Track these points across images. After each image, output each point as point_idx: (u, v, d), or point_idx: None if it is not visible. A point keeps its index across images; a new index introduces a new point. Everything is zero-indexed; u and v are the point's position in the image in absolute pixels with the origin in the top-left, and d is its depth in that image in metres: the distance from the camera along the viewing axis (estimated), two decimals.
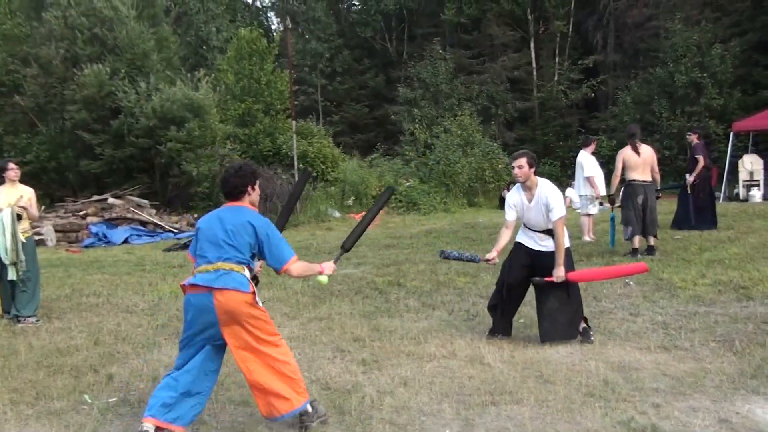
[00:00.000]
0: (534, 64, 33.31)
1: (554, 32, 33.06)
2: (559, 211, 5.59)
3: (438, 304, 7.47)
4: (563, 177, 26.97)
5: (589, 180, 11.55)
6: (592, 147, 11.95)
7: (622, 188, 10.47)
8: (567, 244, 5.80)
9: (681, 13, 26.66)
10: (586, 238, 11.67)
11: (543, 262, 5.75)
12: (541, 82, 32.98)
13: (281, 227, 4.77)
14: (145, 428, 3.86)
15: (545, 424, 4.11)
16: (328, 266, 4.37)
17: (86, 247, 14.72)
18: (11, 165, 7.45)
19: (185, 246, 13.57)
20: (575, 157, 12.31)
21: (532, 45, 33.31)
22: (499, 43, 33.06)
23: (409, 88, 31.30)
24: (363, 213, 17.93)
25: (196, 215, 18.04)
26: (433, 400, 4.58)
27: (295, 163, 18.79)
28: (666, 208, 13.38)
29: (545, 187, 5.72)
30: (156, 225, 16.55)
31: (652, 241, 9.77)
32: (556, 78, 32.50)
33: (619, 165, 9.93)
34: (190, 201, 18.55)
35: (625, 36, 32.19)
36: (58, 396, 4.85)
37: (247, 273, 4.00)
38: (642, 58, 30.84)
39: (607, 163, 17.09)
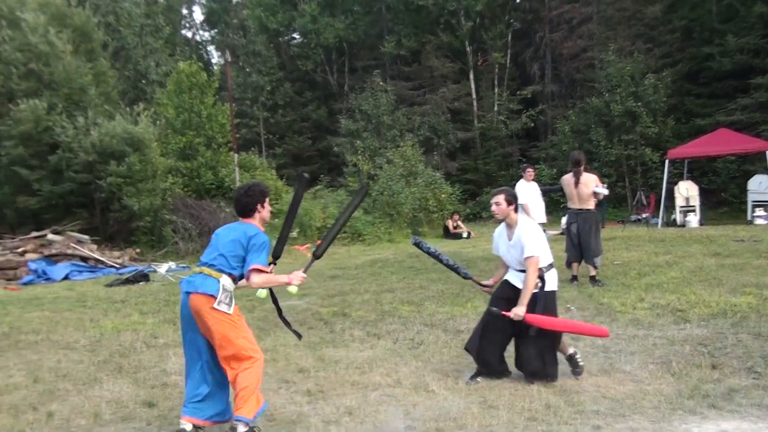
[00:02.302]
0: (474, 95, 33.90)
1: (493, 64, 33.78)
2: (530, 250, 5.44)
3: (383, 333, 7.51)
4: None
5: (523, 207, 11.83)
6: (530, 175, 12.22)
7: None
8: (553, 287, 5.64)
9: (614, 45, 27.47)
10: None
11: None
12: (482, 113, 33.56)
13: (285, 236, 5.01)
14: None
15: None
16: (296, 275, 4.55)
17: (25, 284, 14.30)
18: None
19: (128, 281, 13.38)
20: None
21: (471, 76, 33.95)
22: (439, 74, 33.58)
23: (351, 119, 31.50)
24: (308, 244, 17.90)
25: (138, 250, 17.73)
26: (378, 428, 4.61)
27: None
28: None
29: (523, 225, 5.63)
30: (97, 260, 16.21)
31: (591, 270, 9.98)
32: (495, 108, 33.11)
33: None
34: (132, 236, 18.25)
35: (561, 67, 33.02)
36: None
37: (223, 280, 4.35)
38: (579, 88, 31.60)
39: (548, 192, 17.46)
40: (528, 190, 11.97)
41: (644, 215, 22.54)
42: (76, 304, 10.76)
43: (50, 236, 16.66)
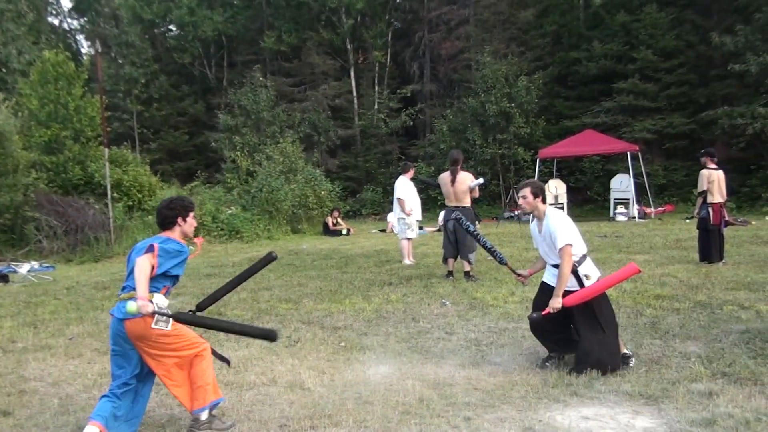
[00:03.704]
0: (354, 93, 34.11)
1: (373, 62, 34.08)
2: (562, 239, 5.29)
3: None
4: (385, 203, 27.69)
5: (399, 202, 12.00)
6: (411, 173, 12.38)
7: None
8: (595, 280, 5.47)
9: (490, 47, 28.28)
10: (407, 261, 12.04)
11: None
12: (362, 111, 33.77)
13: (219, 296, 4.95)
14: None
15: None
16: (146, 305, 4.12)
17: None
18: None
19: None
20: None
21: (352, 74, 34.12)
22: (320, 71, 33.54)
23: (229, 115, 30.89)
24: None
25: None
26: (252, 429, 4.52)
27: (109, 192, 17.86)
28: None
29: (551, 216, 5.51)
30: None
31: (466, 266, 10.16)
32: (376, 106, 33.41)
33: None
34: None
35: (440, 67, 33.72)
36: None
37: (155, 298, 4.25)
38: (456, 88, 32.41)
39: (425, 189, 17.73)
40: (407, 186, 12.14)
41: (517, 212, 23.29)
42: None
43: None
